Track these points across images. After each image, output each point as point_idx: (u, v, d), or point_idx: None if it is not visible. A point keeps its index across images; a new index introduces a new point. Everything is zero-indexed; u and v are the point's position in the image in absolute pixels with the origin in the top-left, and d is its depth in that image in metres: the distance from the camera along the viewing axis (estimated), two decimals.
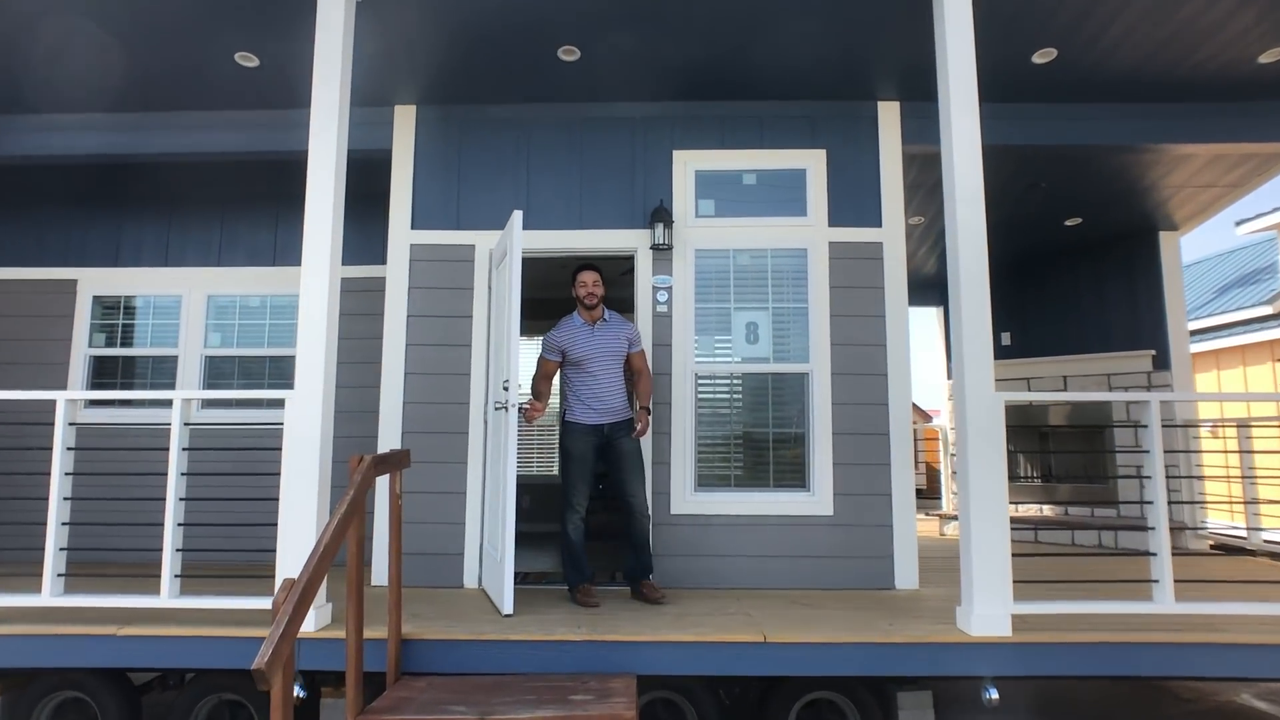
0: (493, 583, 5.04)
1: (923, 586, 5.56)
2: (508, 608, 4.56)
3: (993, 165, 5.00)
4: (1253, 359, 12.45)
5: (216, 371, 6.81)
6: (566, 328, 5.19)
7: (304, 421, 4.22)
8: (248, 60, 5.32)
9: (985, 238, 4.41)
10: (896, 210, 5.86)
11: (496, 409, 5.12)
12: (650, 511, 5.17)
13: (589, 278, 5.16)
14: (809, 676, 4.32)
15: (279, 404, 4.33)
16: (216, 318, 6.85)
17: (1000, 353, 9.65)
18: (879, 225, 5.85)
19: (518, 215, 4.93)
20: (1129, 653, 4.14)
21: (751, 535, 5.57)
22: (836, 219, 5.86)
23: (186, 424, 4.33)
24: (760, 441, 5.73)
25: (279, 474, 4.25)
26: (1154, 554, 4.42)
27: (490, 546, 5.29)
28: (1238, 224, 12.81)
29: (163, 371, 6.81)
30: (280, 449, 4.27)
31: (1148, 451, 4.51)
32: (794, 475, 5.70)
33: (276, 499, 4.23)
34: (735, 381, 5.78)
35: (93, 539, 5.05)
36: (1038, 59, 5.45)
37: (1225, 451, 7.45)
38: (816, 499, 5.60)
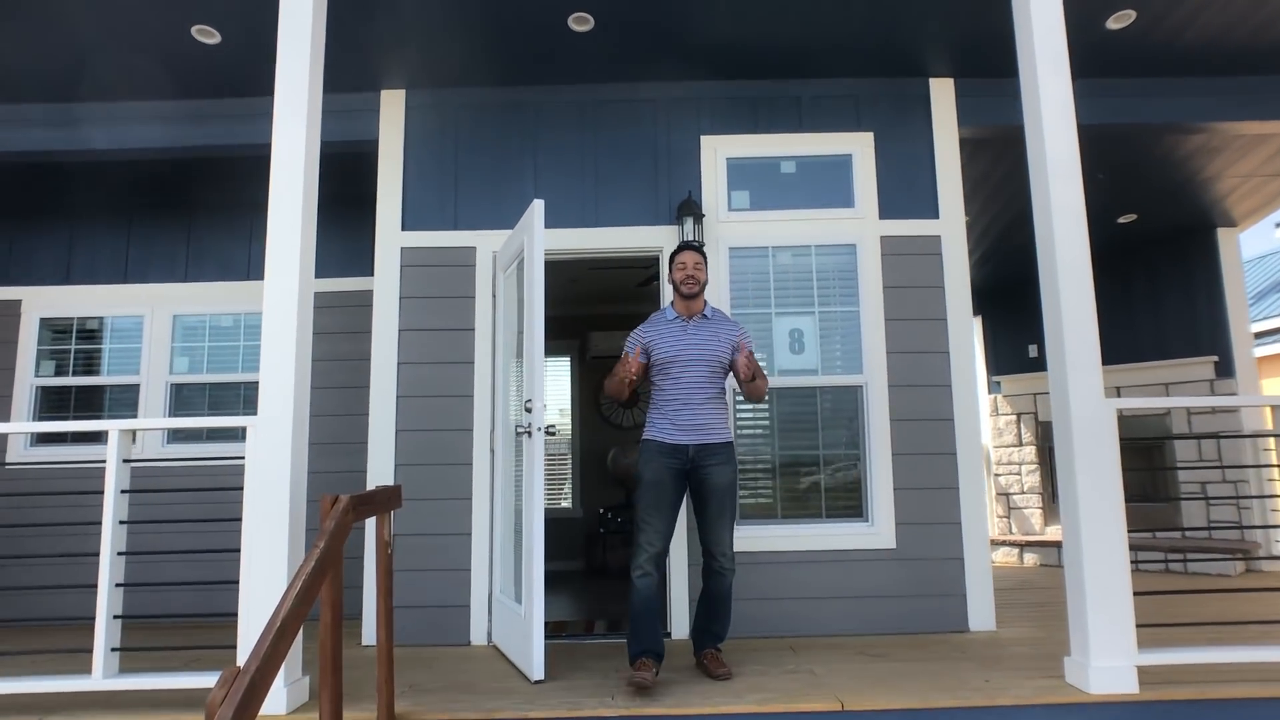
0: (510, 640, 4.26)
1: (999, 627, 4.81)
2: (538, 672, 3.78)
3: None
4: None
5: (185, 401, 6.04)
6: (655, 321, 4.16)
7: (271, 453, 3.46)
8: (208, 36, 4.57)
9: (1084, 217, 3.70)
10: (954, 199, 5.14)
11: (518, 434, 4.33)
12: (735, 565, 4.03)
13: (690, 259, 4.09)
14: None
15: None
16: (184, 340, 6.07)
17: (1040, 365, 8.93)
18: (936, 216, 5.14)
19: (538, 205, 4.19)
20: None
21: (803, 574, 4.80)
22: (888, 210, 5.14)
23: (127, 460, 3.54)
24: (809, 465, 4.97)
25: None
26: None
27: (504, 596, 4.51)
28: (1278, 225, 12.14)
29: (124, 403, 6.03)
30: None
31: None
32: (849, 503, 4.94)
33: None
34: (779, 397, 5.01)
35: (35, 603, 4.30)
36: (1113, 24, 4.76)
37: None
38: (876, 530, 4.84)
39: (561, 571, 8.39)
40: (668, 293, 4.70)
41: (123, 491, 3.50)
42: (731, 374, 4.17)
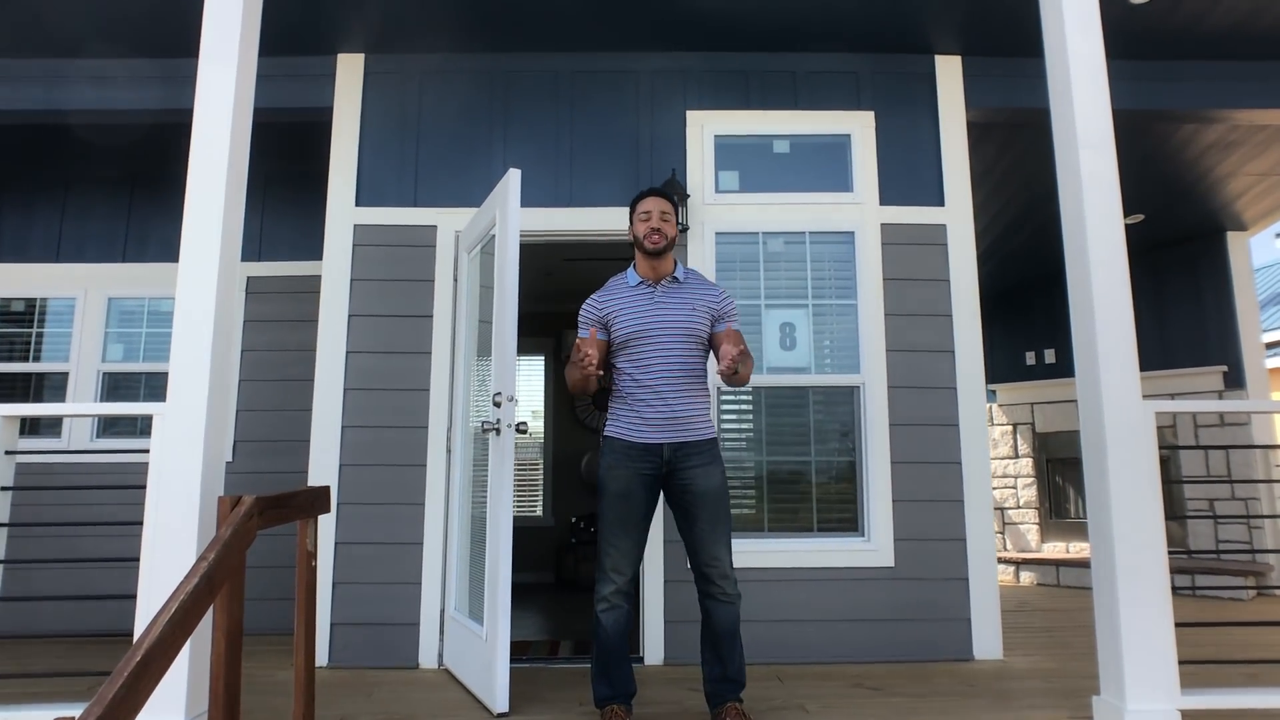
0: (466, 664, 3.77)
1: (1006, 655, 4.37)
2: (501, 704, 3.30)
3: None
4: None
5: (119, 393, 5.50)
6: (613, 287, 3.33)
7: (180, 448, 2.96)
8: None
9: (1119, 192, 3.28)
10: (961, 185, 4.72)
11: (485, 431, 3.79)
12: (739, 589, 3.24)
13: (655, 206, 3.27)
14: None
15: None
16: (120, 325, 5.54)
17: (1037, 373, 8.53)
18: (941, 204, 4.71)
19: (514, 174, 3.70)
20: None
21: (791, 593, 4.34)
22: (889, 196, 4.71)
23: (10, 453, 3.04)
24: (799, 474, 4.51)
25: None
26: None
27: (460, 614, 4.02)
28: (1278, 235, 11.82)
29: (52, 393, 5.50)
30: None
31: None
32: (843, 516, 4.48)
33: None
34: (767, 397, 4.56)
35: None
36: None
37: None
38: (872, 546, 4.38)
39: (529, 584, 7.89)
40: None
41: (3, 488, 3.00)
42: (712, 352, 3.33)
